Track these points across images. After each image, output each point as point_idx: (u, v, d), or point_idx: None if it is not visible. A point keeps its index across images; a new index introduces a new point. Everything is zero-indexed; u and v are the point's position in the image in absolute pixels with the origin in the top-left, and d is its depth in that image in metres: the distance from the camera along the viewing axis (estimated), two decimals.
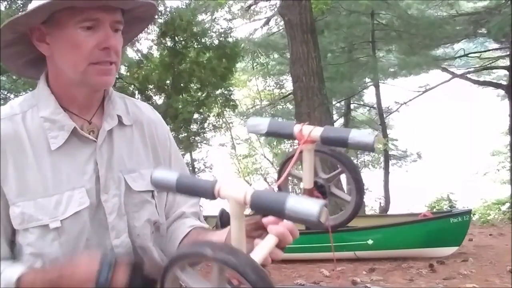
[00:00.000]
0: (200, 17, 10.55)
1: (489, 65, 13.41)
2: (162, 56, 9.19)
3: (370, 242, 5.52)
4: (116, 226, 1.01)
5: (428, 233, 5.45)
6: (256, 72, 15.91)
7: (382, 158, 13.57)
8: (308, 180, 0.91)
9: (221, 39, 9.28)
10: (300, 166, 0.92)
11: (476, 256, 5.43)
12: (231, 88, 10.90)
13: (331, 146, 0.89)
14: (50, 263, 0.96)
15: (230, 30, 10.08)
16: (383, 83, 13.76)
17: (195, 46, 9.09)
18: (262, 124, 0.92)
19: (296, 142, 0.92)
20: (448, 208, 9.78)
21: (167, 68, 8.87)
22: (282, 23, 10.03)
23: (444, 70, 13.41)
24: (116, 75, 1.02)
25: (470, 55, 13.67)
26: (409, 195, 12.50)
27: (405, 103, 13.94)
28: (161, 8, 8.81)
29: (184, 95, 9.11)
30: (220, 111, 10.75)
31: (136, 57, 9.46)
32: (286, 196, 0.63)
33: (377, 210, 12.42)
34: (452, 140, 20.43)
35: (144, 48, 9.58)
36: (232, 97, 10.54)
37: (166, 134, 1.17)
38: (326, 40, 11.99)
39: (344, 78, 12.17)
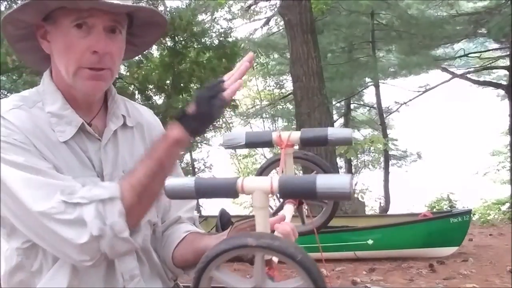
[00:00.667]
0: (200, 17, 10.56)
1: (489, 65, 13.41)
2: (162, 56, 9.19)
3: (370, 242, 5.52)
4: None
5: (428, 233, 5.44)
6: (256, 72, 15.90)
7: (382, 158, 13.57)
8: None
9: (221, 39, 9.28)
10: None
11: (476, 256, 5.43)
12: None
13: (311, 146, 0.90)
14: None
15: (230, 30, 10.09)
16: (383, 83, 13.76)
17: (195, 46, 9.10)
18: (239, 137, 0.93)
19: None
20: (448, 208, 9.77)
21: (167, 68, 8.88)
22: (282, 23, 10.03)
23: (444, 70, 13.42)
24: (110, 81, 1.00)
25: (470, 55, 13.68)
26: (409, 195, 12.50)
27: (405, 103, 13.94)
28: (161, 8, 8.82)
29: (184, 95, 9.10)
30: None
31: (136, 57, 9.44)
32: (314, 176, 0.63)
33: (377, 210, 12.41)
34: (452, 140, 20.42)
35: None
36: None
37: (159, 132, 1.16)
38: (326, 40, 11.99)
39: (344, 78, 12.17)
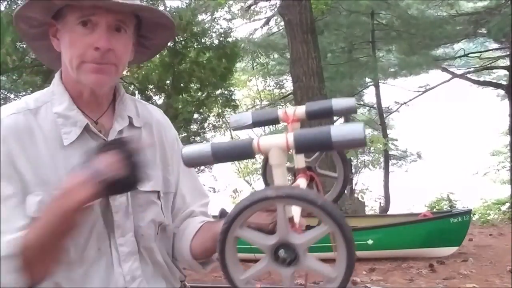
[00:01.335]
0: (200, 17, 10.54)
1: (489, 65, 13.42)
2: (162, 56, 9.18)
3: (370, 242, 5.52)
4: (121, 225, 1.02)
5: (428, 233, 5.45)
6: (256, 72, 15.90)
7: (382, 158, 13.57)
8: (300, 159, 0.93)
9: (221, 39, 9.27)
10: None
11: (476, 256, 5.43)
12: (231, 88, 10.89)
13: (317, 119, 0.91)
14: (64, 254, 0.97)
15: (230, 30, 10.07)
16: (383, 83, 13.77)
17: (195, 46, 9.08)
18: (245, 117, 0.93)
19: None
20: (448, 208, 9.78)
21: (167, 68, 8.86)
22: (282, 23, 10.03)
23: (444, 70, 13.42)
24: (114, 75, 1.01)
25: (470, 55, 13.69)
26: (409, 195, 12.50)
27: (405, 103, 13.95)
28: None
29: (184, 95, 9.09)
30: (220, 111, 10.74)
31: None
32: (328, 127, 0.63)
33: (377, 210, 12.41)
34: (452, 140, 20.43)
35: None
36: (232, 97, 10.54)
37: (174, 137, 1.19)
38: (326, 40, 11.99)
39: (344, 78, 12.17)
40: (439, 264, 5.08)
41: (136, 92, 8.96)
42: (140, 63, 1.22)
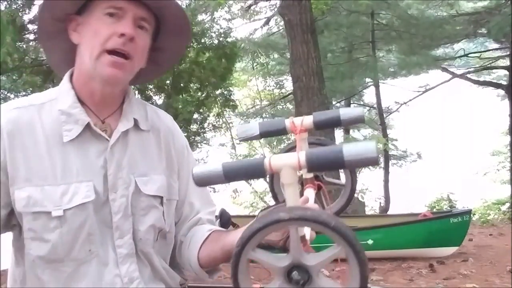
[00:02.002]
0: (200, 17, 10.54)
1: (489, 65, 13.41)
2: None
3: (370, 242, 5.52)
4: (120, 226, 1.01)
5: (428, 233, 5.45)
6: (256, 72, 15.89)
7: (382, 158, 13.56)
8: None
9: (220, 39, 9.27)
10: None
11: (476, 256, 5.43)
12: (231, 88, 10.89)
13: (325, 129, 0.91)
14: (49, 251, 0.96)
15: (229, 30, 10.07)
16: (383, 83, 13.76)
17: (195, 46, 9.09)
18: (252, 128, 0.93)
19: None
20: (448, 208, 9.78)
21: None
22: (282, 23, 10.02)
23: (444, 70, 13.42)
24: (129, 73, 1.03)
25: (470, 55, 13.68)
26: (409, 195, 12.50)
27: (405, 103, 13.94)
28: None
29: (184, 95, 9.09)
30: (220, 111, 10.74)
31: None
32: (340, 146, 0.63)
33: (377, 210, 12.41)
34: (452, 140, 20.43)
35: None
36: (232, 97, 10.53)
37: (183, 144, 1.18)
38: (326, 40, 11.99)
39: (344, 78, 12.17)
40: (439, 264, 5.07)
41: (136, 92, 8.96)
42: (148, 81, 1.24)
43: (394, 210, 11.84)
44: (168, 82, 9.13)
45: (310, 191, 0.91)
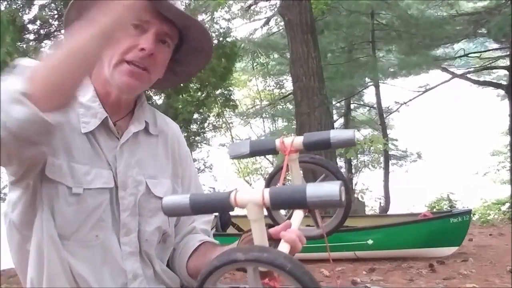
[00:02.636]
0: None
1: (489, 65, 13.41)
2: None
3: (370, 242, 5.52)
4: (127, 224, 1.03)
5: (428, 233, 5.44)
6: (256, 72, 15.90)
7: (382, 158, 13.56)
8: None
9: (220, 39, 9.27)
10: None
11: (476, 256, 5.43)
12: (231, 88, 10.90)
13: (315, 150, 0.91)
14: (59, 224, 0.96)
15: (229, 30, 10.08)
16: (383, 83, 13.76)
17: None
18: (243, 147, 0.94)
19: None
20: (448, 208, 9.78)
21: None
22: (282, 23, 10.02)
23: (444, 70, 13.41)
24: (146, 84, 1.04)
25: (470, 55, 13.67)
26: (409, 195, 12.50)
27: (405, 103, 13.94)
28: None
29: (184, 95, 9.09)
30: (220, 111, 10.75)
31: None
32: (304, 186, 0.63)
33: (377, 210, 12.41)
34: (452, 140, 20.43)
35: None
36: (232, 97, 10.54)
37: (187, 152, 1.22)
38: (326, 40, 11.98)
39: (344, 78, 12.16)
40: (439, 264, 5.07)
41: None
42: (164, 88, 1.24)
43: (394, 210, 11.83)
44: None
45: (298, 212, 0.91)
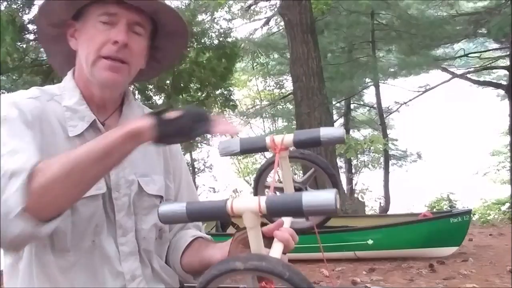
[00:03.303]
0: (200, 17, 10.54)
1: (489, 65, 13.42)
2: None
3: (370, 242, 5.52)
4: (123, 224, 1.03)
5: (428, 233, 5.44)
6: (256, 72, 15.90)
7: (382, 158, 13.57)
8: (289, 186, 0.95)
9: (220, 39, 9.27)
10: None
11: (476, 256, 5.43)
12: (231, 88, 10.90)
13: (305, 148, 0.92)
14: (60, 240, 0.96)
15: (229, 30, 10.07)
16: (383, 83, 13.76)
17: (195, 46, 9.09)
18: (233, 144, 0.95)
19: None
20: (448, 208, 9.77)
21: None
22: (282, 23, 10.03)
23: (444, 70, 13.42)
24: (127, 76, 1.04)
25: (470, 55, 13.69)
26: (409, 195, 12.50)
27: (405, 103, 13.95)
28: None
29: (184, 95, 9.09)
30: (220, 111, 10.75)
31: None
32: (300, 194, 0.64)
33: (377, 210, 12.40)
34: (452, 140, 20.43)
35: None
36: (232, 97, 10.54)
37: (178, 148, 1.22)
38: (326, 40, 11.99)
39: (344, 78, 12.17)
40: (439, 264, 5.07)
41: (136, 92, 8.96)
42: (150, 78, 1.23)
43: (394, 210, 11.84)
44: (168, 82, 9.14)
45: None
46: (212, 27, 9.83)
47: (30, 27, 7.19)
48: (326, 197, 0.62)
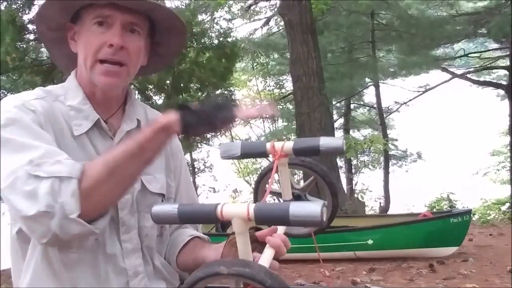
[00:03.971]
0: (200, 17, 10.53)
1: (489, 65, 13.41)
2: None
3: (370, 242, 5.52)
4: (126, 222, 1.04)
5: (428, 233, 5.44)
6: (256, 72, 15.90)
7: (382, 158, 13.56)
8: (287, 192, 0.97)
9: (220, 39, 9.26)
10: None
11: (476, 256, 5.43)
12: (231, 88, 10.90)
13: (304, 156, 0.93)
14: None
15: (229, 30, 10.07)
16: (383, 83, 13.76)
17: (195, 46, 9.08)
18: (235, 148, 0.96)
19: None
20: (448, 208, 9.77)
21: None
22: (282, 23, 10.02)
23: (444, 70, 13.41)
24: (126, 78, 1.05)
25: (470, 55, 13.68)
26: (409, 195, 12.49)
27: (405, 103, 13.94)
28: None
29: (184, 95, 9.09)
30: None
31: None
32: (288, 204, 0.65)
33: (377, 210, 12.40)
34: (452, 140, 20.44)
35: None
36: (232, 97, 10.54)
37: (178, 147, 1.23)
38: (326, 40, 11.98)
39: (344, 78, 12.16)
40: (439, 264, 5.07)
41: (136, 92, 8.97)
42: (155, 72, 1.25)
43: (394, 210, 11.83)
44: (168, 82, 9.14)
45: None
46: (212, 27, 9.83)
47: (30, 27, 7.18)
48: (313, 209, 0.64)
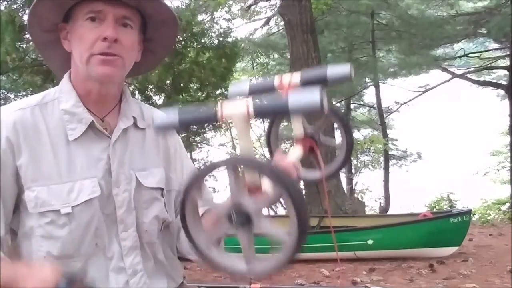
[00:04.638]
0: (200, 17, 10.53)
1: (489, 65, 13.41)
2: None
3: (370, 242, 5.51)
4: (124, 219, 1.05)
5: (428, 233, 5.44)
6: (256, 72, 15.89)
7: (382, 158, 13.56)
8: (298, 128, 0.96)
9: (220, 39, 9.26)
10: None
11: (476, 256, 5.42)
12: None
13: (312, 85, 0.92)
14: (60, 247, 0.99)
15: (229, 30, 10.06)
16: (383, 83, 13.76)
17: (195, 46, 9.08)
18: (243, 86, 0.95)
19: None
20: (448, 208, 9.77)
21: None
22: (282, 23, 10.02)
23: (444, 70, 13.41)
24: (122, 69, 1.05)
25: (470, 55, 13.67)
26: (409, 195, 12.50)
27: (405, 103, 13.94)
28: None
29: (184, 95, 9.09)
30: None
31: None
32: (286, 95, 0.65)
33: (377, 210, 12.39)
34: (452, 140, 20.44)
35: None
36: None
37: (176, 138, 1.24)
38: (326, 40, 11.98)
39: None
40: (439, 264, 5.07)
41: (136, 92, 8.97)
42: (148, 70, 1.26)
43: (394, 210, 11.83)
44: (168, 82, 9.14)
45: (296, 149, 0.93)
46: (212, 27, 9.82)
47: None
48: (311, 93, 0.63)
